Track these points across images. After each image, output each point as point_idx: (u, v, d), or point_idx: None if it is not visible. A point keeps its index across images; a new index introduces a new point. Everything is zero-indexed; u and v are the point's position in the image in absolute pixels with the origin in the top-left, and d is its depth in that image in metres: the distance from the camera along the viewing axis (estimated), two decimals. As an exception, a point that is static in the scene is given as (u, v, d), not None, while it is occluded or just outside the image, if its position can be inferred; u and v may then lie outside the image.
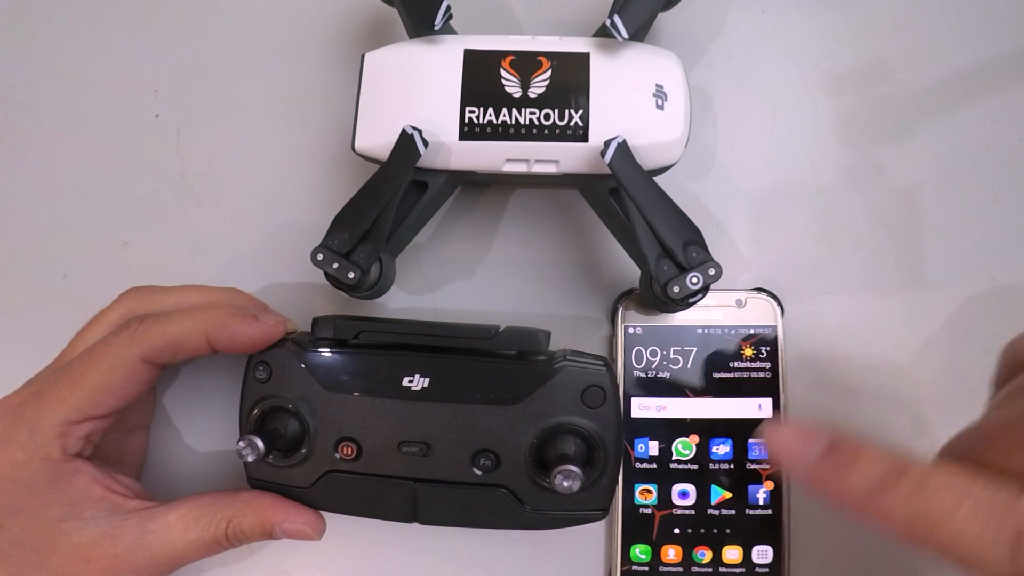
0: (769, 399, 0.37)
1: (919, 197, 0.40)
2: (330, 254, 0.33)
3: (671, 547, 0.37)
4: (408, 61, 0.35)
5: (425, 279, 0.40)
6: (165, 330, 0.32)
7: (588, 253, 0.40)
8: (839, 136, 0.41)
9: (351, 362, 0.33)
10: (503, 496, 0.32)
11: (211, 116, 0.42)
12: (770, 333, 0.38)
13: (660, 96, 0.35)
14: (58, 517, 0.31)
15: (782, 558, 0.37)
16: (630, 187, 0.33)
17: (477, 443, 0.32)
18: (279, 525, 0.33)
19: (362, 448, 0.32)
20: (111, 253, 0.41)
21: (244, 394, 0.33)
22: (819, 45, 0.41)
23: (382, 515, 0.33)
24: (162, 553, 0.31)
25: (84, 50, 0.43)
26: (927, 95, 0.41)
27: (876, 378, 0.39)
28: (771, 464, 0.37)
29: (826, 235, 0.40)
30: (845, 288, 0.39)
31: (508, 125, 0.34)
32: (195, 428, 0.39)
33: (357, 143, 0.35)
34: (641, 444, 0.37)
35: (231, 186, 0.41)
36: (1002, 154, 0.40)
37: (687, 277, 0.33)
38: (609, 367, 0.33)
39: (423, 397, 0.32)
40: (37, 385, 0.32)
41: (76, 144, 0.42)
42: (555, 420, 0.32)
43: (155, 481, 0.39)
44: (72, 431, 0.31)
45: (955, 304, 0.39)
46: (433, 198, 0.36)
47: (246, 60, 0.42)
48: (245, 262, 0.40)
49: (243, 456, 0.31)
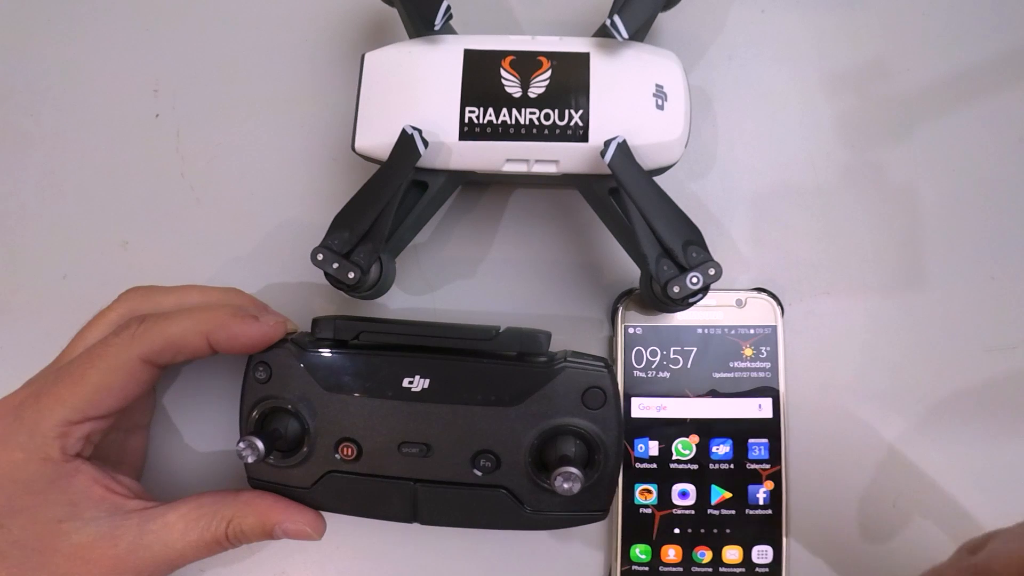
0: (769, 399, 0.37)
1: (919, 197, 0.40)
2: (330, 254, 0.33)
3: (671, 547, 0.37)
4: (408, 61, 0.35)
5: (425, 279, 0.40)
6: (165, 330, 0.32)
7: (588, 253, 0.40)
8: (839, 136, 0.41)
9: (351, 363, 0.33)
10: (503, 497, 0.32)
11: (211, 116, 0.42)
12: (770, 333, 0.38)
13: (660, 96, 0.35)
14: (58, 517, 0.31)
15: (782, 558, 0.37)
16: (630, 187, 0.33)
17: (477, 444, 0.32)
18: (279, 525, 0.33)
19: (362, 449, 0.33)
20: (111, 253, 0.41)
21: (244, 395, 0.33)
22: (819, 45, 0.41)
23: (382, 515, 0.33)
24: (162, 553, 0.31)
25: (84, 50, 0.43)
26: (927, 95, 0.41)
27: (876, 378, 0.39)
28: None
29: (826, 235, 0.40)
30: (845, 288, 0.39)
31: (508, 125, 0.34)
32: (195, 428, 0.39)
33: (357, 143, 0.35)
34: (641, 444, 0.37)
35: (231, 186, 0.41)
36: (1002, 154, 0.40)
37: (687, 277, 0.33)
38: (609, 368, 0.33)
39: (423, 398, 0.32)
40: (37, 385, 0.32)
41: (76, 144, 0.42)
42: (555, 421, 0.32)
43: (155, 481, 0.39)
44: (72, 431, 0.31)
45: (955, 304, 0.39)
46: (433, 198, 0.36)
47: (246, 60, 0.42)
48: (245, 262, 0.40)
49: (243, 457, 0.31)
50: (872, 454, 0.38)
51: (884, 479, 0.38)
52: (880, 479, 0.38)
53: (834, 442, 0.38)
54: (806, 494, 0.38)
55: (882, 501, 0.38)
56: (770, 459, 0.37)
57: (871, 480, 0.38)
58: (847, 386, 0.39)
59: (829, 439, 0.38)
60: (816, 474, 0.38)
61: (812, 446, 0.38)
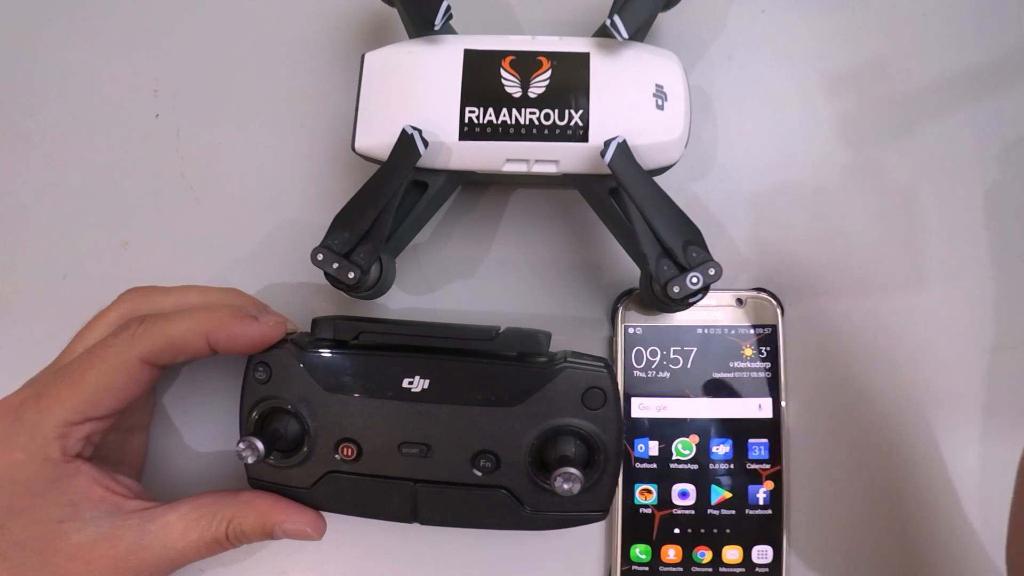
0: (769, 399, 0.37)
1: (919, 197, 0.40)
2: (330, 254, 0.33)
3: (671, 547, 0.37)
4: (408, 61, 0.35)
5: (425, 279, 0.40)
6: (165, 331, 0.32)
7: (588, 253, 0.40)
8: (839, 136, 0.41)
9: (351, 363, 0.33)
10: (503, 497, 0.32)
11: (211, 116, 0.42)
12: (770, 333, 0.38)
13: (660, 96, 0.35)
14: (58, 518, 0.31)
15: (782, 558, 0.37)
16: (630, 187, 0.33)
17: (477, 444, 0.32)
18: (280, 525, 0.33)
19: (362, 449, 0.33)
20: (111, 253, 0.41)
21: (244, 395, 0.33)
22: (819, 45, 0.41)
23: (382, 516, 0.33)
24: (162, 553, 0.31)
25: (84, 50, 0.43)
26: (927, 95, 0.41)
27: (876, 378, 0.39)
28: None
29: (826, 235, 0.40)
30: (845, 288, 0.39)
31: (508, 125, 0.34)
32: (195, 428, 0.39)
33: (357, 143, 0.35)
34: (641, 444, 0.37)
35: (231, 186, 0.41)
36: (1002, 154, 0.40)
37: (687, 277, 0.33)
38: (610, 369, 0.33)
39: (423, 398, 0.32)
40: (37, 386, 0.32)
41: (76, 144, 0.42)
42: (555, 422, 0.32)
43: (155, 481, 0.39)
44: (72, 432, 0.31)
45: (955, 304, 0.39)
46: (433, 198, 0.36)
47: (246, 60, 0.42)
48: (245, 262, 0.40)
49: (243, 458, 0.31)
50: (872, 454, 0.38)
51: (884, 479, 0.38)
52: (880, 479, 0.38)
53: (834, 442, 0.38)
54: (806, 494, 0.38)
55: (882, 501, 0.38)
56: (770, 459, 0.37)
57: (871, 480, 0.38)
58: (847, 386, 0.39)
59: (829, 439, 0.38)
60: (816, 474, 0.38)
61: (812, 446, 0.38)
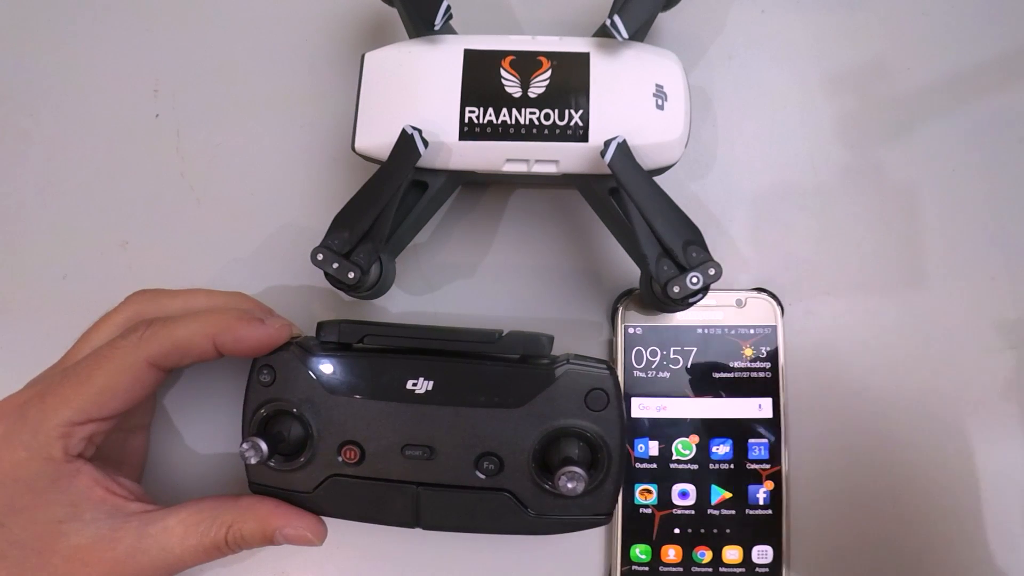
0: (769, 399, 0.37)
1: (919, 197, 0.40)
2: (330, 254, 0.33)
3: (671, 547, 0.37)
4: (408, 61, 0.35)
5: (425, 279, 0.40)
6: (172, 333, 0.32)
7: (588, 254, 0.40)
8: (839, 136, 0.41)
9: (355, 365, 0.33)
10: (506, 500, 0.32)
11: (211, 116, 0.42)
12: (770, 333, 0.38)
13: (660, 96, 0.35)
14: (58, 518, 0.30)
15: (782, 558, 0.37)
16: (630, 187, 0.33)
17: (480, 447, 0.32)
18: (280, 531, 0.32)
19: (365, 452, 0.32)
20: (111, 253, 0.41)
21: (248, 397, 0.33)
22: (819, 45, 0.41)
23: (384, 520, 0.33)
24: (161, 558, 0.31)
25: (84, 50, 0.43)
26: (927, 95, 0.41)
27: (876, 378, 0.39)
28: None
29: (826, 235, 0.40)
30: (845, 288, 0.39)
31: (508, 125, 0.34)
32: (197, 431, 0.39)
33: (357, 143, 0.35)
34: (641, 444, 0.37)
35: (231, 186, 0.41)
36: (1002, 154, 0.40)
37: (687, 277, 0.33)
38: (612, 370, 0.33)
39: (426, 400, 0.32)
40: (41, 385, 0.32)
41: (76, 144, 0.42)
42: (558, 423, 0.32)
43: (156, 484, 0.39)
44: (75, 432, 0.31)
45: (955, 304, 0.39)
46: (433, 198, 0.36)
47: (246, 60, 0.42)
48: (245, 262, 0.40)
49: (246, 458, 0.31)
50: (872, 454, 0.38)
51: (884, 479, 0.38)
52: (880, 479, 0.38)
53: (834, 442, 0.38)
54: (806, 494, 0.38)
55: (882, 501, 0.38)
56: (770, 459, 0.37)
57: (871, 480, 0.38)
58: (847, 386, 0.39)
59: (829, 439, 0.38)
60: (816, 474, 0.38)
61: (812, 446, 0.38)
